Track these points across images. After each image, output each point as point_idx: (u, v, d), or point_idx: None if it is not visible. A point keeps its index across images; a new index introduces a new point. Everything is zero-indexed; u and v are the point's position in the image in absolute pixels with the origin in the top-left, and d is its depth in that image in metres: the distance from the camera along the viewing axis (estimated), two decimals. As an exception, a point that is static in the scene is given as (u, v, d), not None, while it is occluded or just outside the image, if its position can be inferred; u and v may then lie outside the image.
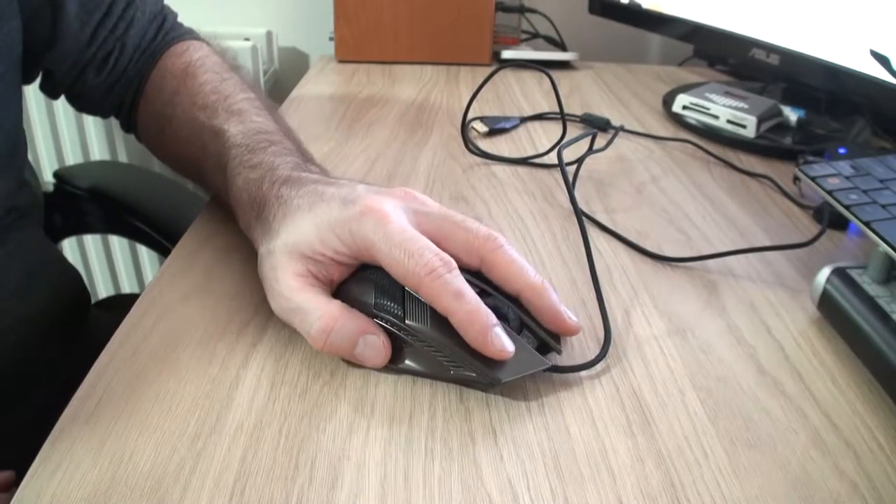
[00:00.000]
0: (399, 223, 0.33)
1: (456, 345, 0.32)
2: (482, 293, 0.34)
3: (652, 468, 0.29)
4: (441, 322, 0.32)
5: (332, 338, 0.32)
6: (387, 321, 0.33)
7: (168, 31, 0.53)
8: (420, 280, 0.31)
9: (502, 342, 0.31)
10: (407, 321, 0.32)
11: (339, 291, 0.35)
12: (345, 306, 0.33)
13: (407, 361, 0.33)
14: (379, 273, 0.34)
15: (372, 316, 0.33)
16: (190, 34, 0.55)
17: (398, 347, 0.33)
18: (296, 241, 0.34)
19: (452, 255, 0.32)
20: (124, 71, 0.51)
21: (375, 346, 0.33)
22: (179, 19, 0.57)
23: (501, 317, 0.33)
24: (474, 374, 0.32)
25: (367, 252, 0.33)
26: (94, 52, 0.50)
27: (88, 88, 0.52)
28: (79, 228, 0.77)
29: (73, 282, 0.58)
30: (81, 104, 0.54)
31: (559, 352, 0.34)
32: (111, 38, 0.50)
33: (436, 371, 0.33)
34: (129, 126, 0.55)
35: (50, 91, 0.53)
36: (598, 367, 0.35)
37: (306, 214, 0.34)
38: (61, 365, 0.51)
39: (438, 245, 0.33)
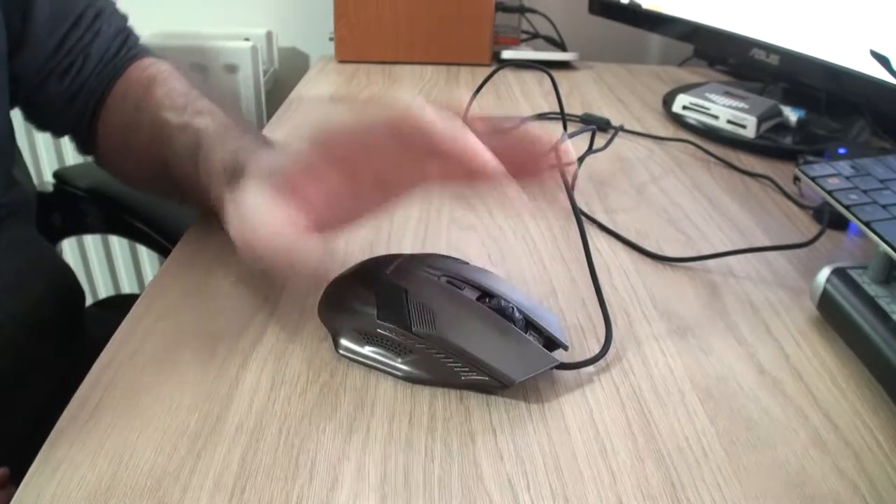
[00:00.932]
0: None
1: (469, 349, 0.32)
2: (484, 295, 0.34)
3: (652, 468, 0.29)
4: (450, 327, 0.32)
5: (273, 242, 0.31)
6: (392, 331, 0.33)
7: (131, 48, 0.53)
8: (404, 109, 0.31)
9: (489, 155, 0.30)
10: (414, 329, 0.32)
11: (340, 302, 0.35)
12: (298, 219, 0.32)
13: (413, 370, 0.33)
14: (380, 283, 0.34)
15: (375, 326, 0.33)
16: (151, 53, 0.54)
17: (403, 355, 0.33)
18: (264, 169, 0.34)
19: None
20: (86, 81, 0.50)
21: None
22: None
23: (507, 317, 0.33)
24: (487, 378, 0.32)
25: (333, 137, 0.32)
26: (59, 60, 0.49)
27: (49, 97, 0.50)
28: (78, 228, 0.77)
29: (66, 279, 0.58)
30: (40, 115, 0.53)
31: (566, 348, 0.34)
32: (77, 47, 0.50)
33: (444, 377, 0.33)
34: (86, 145, 0.53)
35: (11, 100, 0.51)
36: (599, 367, 0.35)
37: (274, 154, 0.35)
38: (57, 363, 0.51)
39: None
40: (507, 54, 0.91)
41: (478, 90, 0.60)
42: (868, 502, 0.28)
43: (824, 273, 0.39)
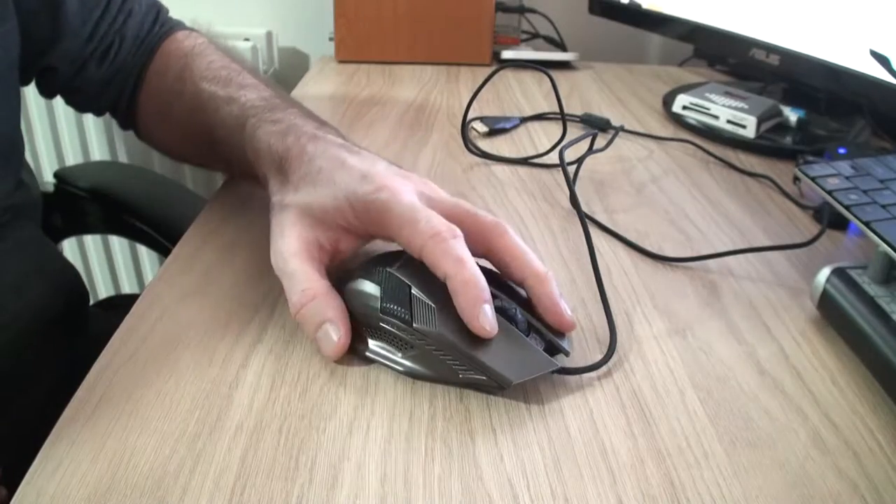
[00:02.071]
0: (411, 198, 0.34)
1: (467, 348, 0.31)
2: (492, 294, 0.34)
3: (652, 468, 0.29)
4: (450, 325, 0.32)
5: (304, 311, 0.34)
6: (394, 325, 0.33)
7: (164, 23, 0.54)
8: (424, 242, 0.32)
9: (489, 320, 0.31)
10: (415, 325, 0.32)
11: (345, 296, 0.35)
12: (330, 289, 0.34)
13: (414, 365, 0.33)
14: (385, 278, 0.34)
15: (378, 320, 0.33)
16: (183, 26, 0.56)
17: (404, 350, 0.33)
18: (310, 203, 0.35)
19: None
20: (123, 62, 0.52)
21: (328, 338, 0.33)
22: (180, 18, 0.57)
23: (509, 319, 0.33)
24: (485, 378, 0.32)
25: (378, 222, 0.34)
26: (94, 46, 0.50)
27: (88, 83, 0.52)
28: (79, 228, 0.77)
29: (70, 279, 0.58)
30: (79, 100, 0.54)
31: (567, 353, 0.34)
32: (111, 31, 0.51)
33: (444, 375, 0.33)
34: (127, 119, 0.55)
35: (47, 90, 0.53)
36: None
37: (326, 181, 0.35)
38: (60, 363, 0.51)
39: None
40: (507, 54, 0.91)
41: (478, 90, 0.60)
42: (868, 502, 0.28)
43: (824, 273, 0.39)
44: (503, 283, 0.36)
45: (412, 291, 0.33)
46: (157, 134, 0.55)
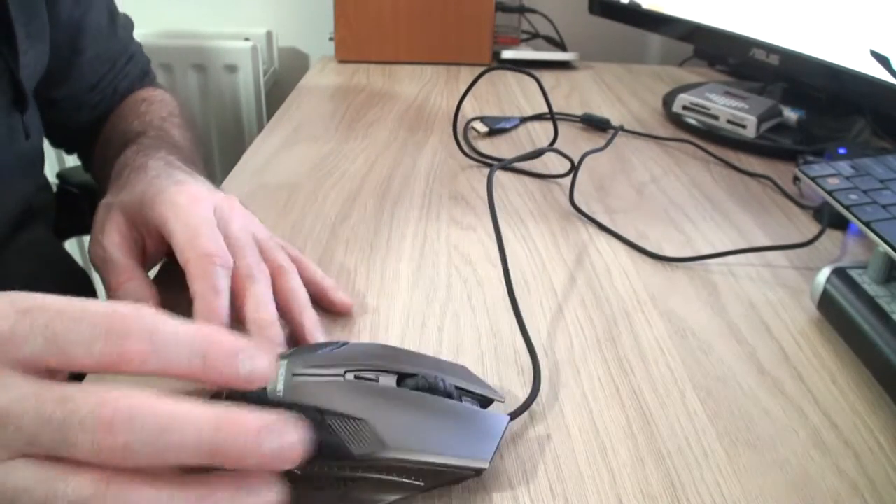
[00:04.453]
0: (206, 207, 0.35)
1: (430, 449, 0.26)
2: (405, 375, 0.29)
3: (652, 468, 0.29)
4: (396, 431, 0.26)
5: (122, 289, 0.34)
6: (331, 467, 0.25)
7: (146, 83, 0.60)
8: (191, 258, 0.33)
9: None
10: (356, 452, 0.25)
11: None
12: (148, 279, 0.35)
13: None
14: (322, 431, 0.25)
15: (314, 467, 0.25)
16: (160, 87, 0.61)
17: (335, 488, 0.26)
18: (124, 200, 0.37)
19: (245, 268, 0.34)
20: (107, 111, 0.57)
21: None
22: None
23: (432, 389, 0.28)
24: (454, 475, 0.27)
25: (159, 219, 0.35)
26: (93, 95, 0.55)
27: (79, 125, 0.56)
28: (80, 229, 0.77)
29: (79, 280, 0.59)
30: (59, 135, 0.58)
31: (502, 399, 0.31)
32: (109, 86, 0.56)
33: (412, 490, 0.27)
34: (87, 158, 0.59)
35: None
36: (598, 366, 0.35)
37: (141, 183, 0.38)
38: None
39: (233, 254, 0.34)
40: (507, 54, 0.91)
41: (466, 92, 0.60)
42: (868, 502, 0.28)
43: (824, 273, 0.39)
44: (408, 355, 0.31)
45: (325, 416, 0.25)
46: (94, 167, 0.58)
